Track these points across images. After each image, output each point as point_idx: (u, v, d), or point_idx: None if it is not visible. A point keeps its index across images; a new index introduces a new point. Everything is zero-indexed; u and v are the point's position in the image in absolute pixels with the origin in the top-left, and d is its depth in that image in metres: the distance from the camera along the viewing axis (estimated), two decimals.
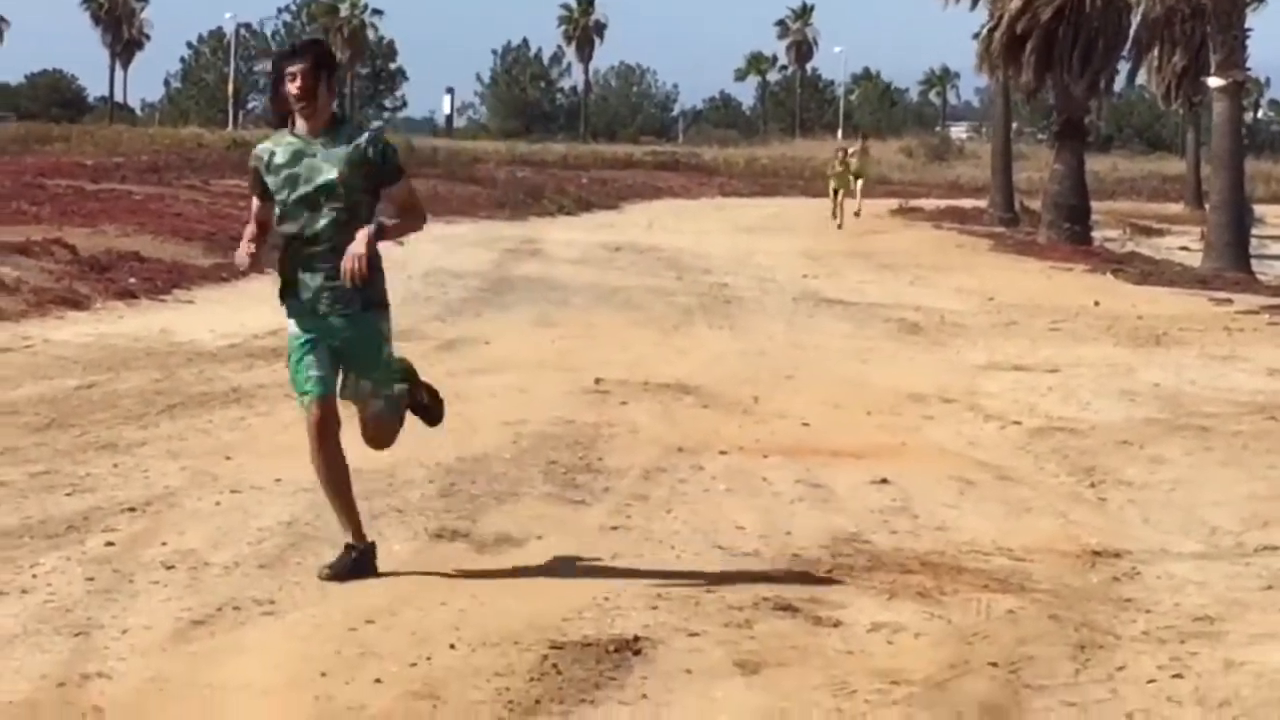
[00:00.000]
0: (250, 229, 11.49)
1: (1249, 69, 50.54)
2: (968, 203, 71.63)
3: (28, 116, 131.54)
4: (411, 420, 16.44)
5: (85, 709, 8.56)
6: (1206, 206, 49.60)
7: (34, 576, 10.96)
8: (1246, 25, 46.48)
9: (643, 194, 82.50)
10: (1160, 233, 68.13)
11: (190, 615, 10.23)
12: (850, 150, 60.32)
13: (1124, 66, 60.16)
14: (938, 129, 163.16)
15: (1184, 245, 54.30)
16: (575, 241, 48.27)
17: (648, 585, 11.18)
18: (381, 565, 11.50)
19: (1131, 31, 55.20)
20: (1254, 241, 49.12)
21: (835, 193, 57.35)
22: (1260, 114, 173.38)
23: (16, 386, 18.87)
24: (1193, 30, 54.55)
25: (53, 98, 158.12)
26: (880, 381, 21.35)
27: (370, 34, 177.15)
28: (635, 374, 20.85)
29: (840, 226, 50.52)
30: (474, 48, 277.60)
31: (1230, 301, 34.57)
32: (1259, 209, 59.10)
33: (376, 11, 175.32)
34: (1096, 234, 57.88)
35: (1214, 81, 45.94)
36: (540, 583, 11.23)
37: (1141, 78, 69.50)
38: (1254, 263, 45.62)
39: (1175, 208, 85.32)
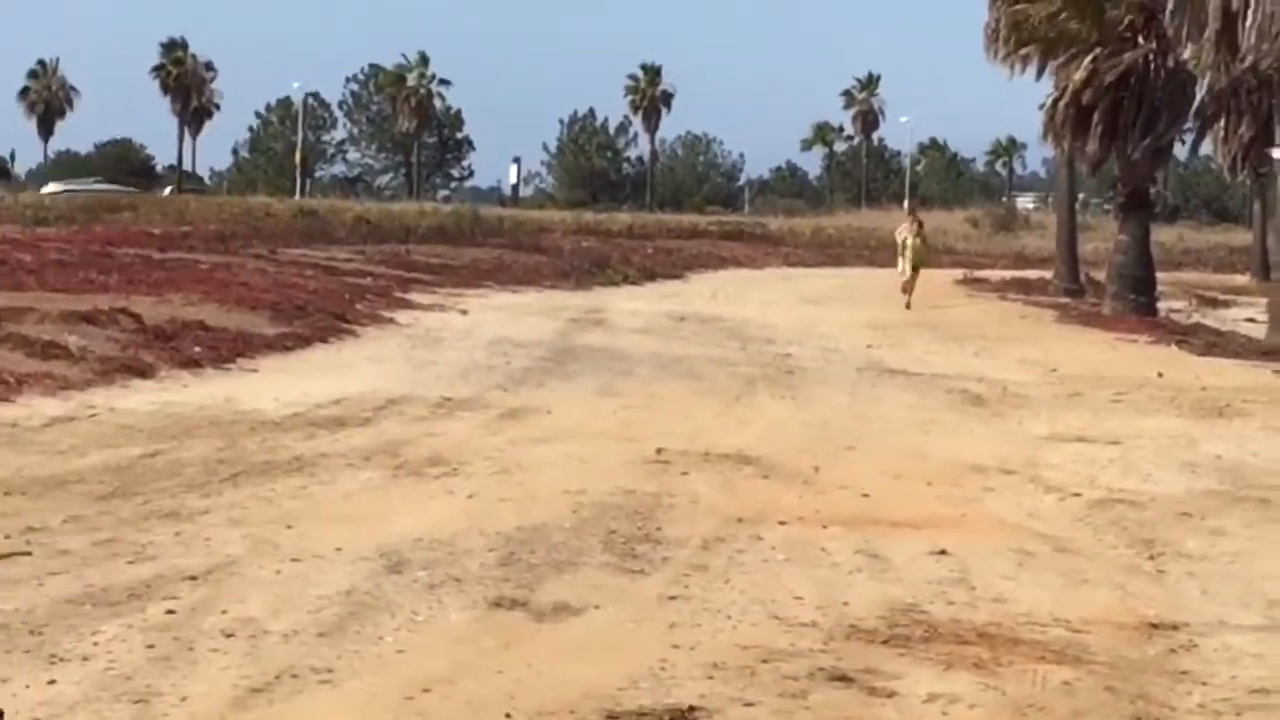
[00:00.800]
0: None
1: None
2: (1033, 273, 71.59)
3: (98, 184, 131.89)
4: (473, 489, 16.50)
5: None
6: (1273, 278, 49.40)
7: (95, 644, 11.03)
8: None
9: (708, 264, 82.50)
10: (1226, 304, 67.97)
11: (249, 683, 10.29)
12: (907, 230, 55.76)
13: (1190, 137, 60.11)
14: (1003, 199, 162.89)
15: (1250, 317, 54.06)
16: (639, 311, 48.30)
17: (704, 655, 11.23)
18: (439, 634, 11.58)
19: (1196, 102, 55.11)
20: None
21: (911, 269, 53.59)
22: None
23: (82, 455, 18.95)
24: (1259, 101, 54.35)
25: (122, 166, 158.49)
26: (941, 452, 21.36)
27: (438, 103, 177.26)
28: (696, 444, 20.89)
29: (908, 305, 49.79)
30: (541, 117, 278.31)
31: None
32: None
33: (444, 81, 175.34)
34: (1162, 305, 57.73)
35: (1278, 153, 45.93)
36: (597, 652, 11.27)
37: (1207, 148, 69.29)
38: None
39: (1241, 279, 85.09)
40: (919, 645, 11.73)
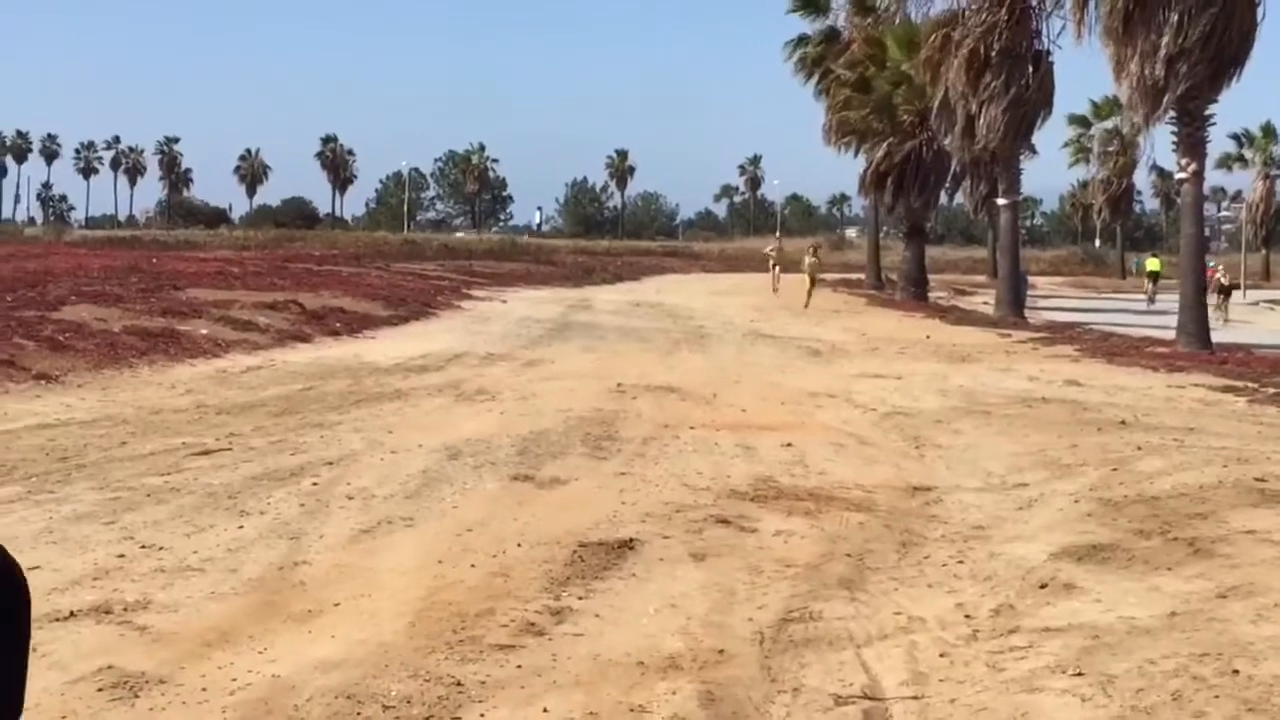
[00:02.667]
0: None
1: (1023, 194, 51.06)
2: (854, 276, 71.48)
3: (280, 225, 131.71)
4: (504, 409, 16.40)
5: (294, 583, 8.66)
6: (998, 276, 49.56)
7: (268, 504, 11.06)
8: (1021, 166, 46.68)
9: (655, 271, 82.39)
10: (971, 293, 68.00)
11: (361, 527, 10.33)
12: (811, 251, 52.74)
13: (949, 191, 60.19)
14: (837, 230, 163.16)
15: (985, 301, 54.05)
16: (611, 300, 48.23)
17: (641, 508, 11.26)
18: (479, 496, 11.62)
19: (952, 170, 55.28)
20: (1027, 299, 49.04)
21: (810, 280, 48.56)
22: (1036, 220, 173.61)
23: (265, 389, 18.95)
24: (989, 169, 54.44)
25: (297, 213, 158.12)
26: (792, 384, 21.34)
27: (491, 174, 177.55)
28: (642, 380, 20.86)
29: (806, 307, 45.11)
30: (555, 182, 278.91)
31: (1010, 335, 34.54)
32: (1031, 278, 59.19)
33: (494, 160, 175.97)
34: (931, 295, 57.84)
35: (1001, 201, 46.17)
36: (575, 506, 11.29)
37: (959, 198, 69.41)
38: (1027, 312, 45.60)
39: (981, 278, 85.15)
40: (772, 501, 11.75)
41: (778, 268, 55.16)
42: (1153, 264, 72.64)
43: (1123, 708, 6.39)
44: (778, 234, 78.75)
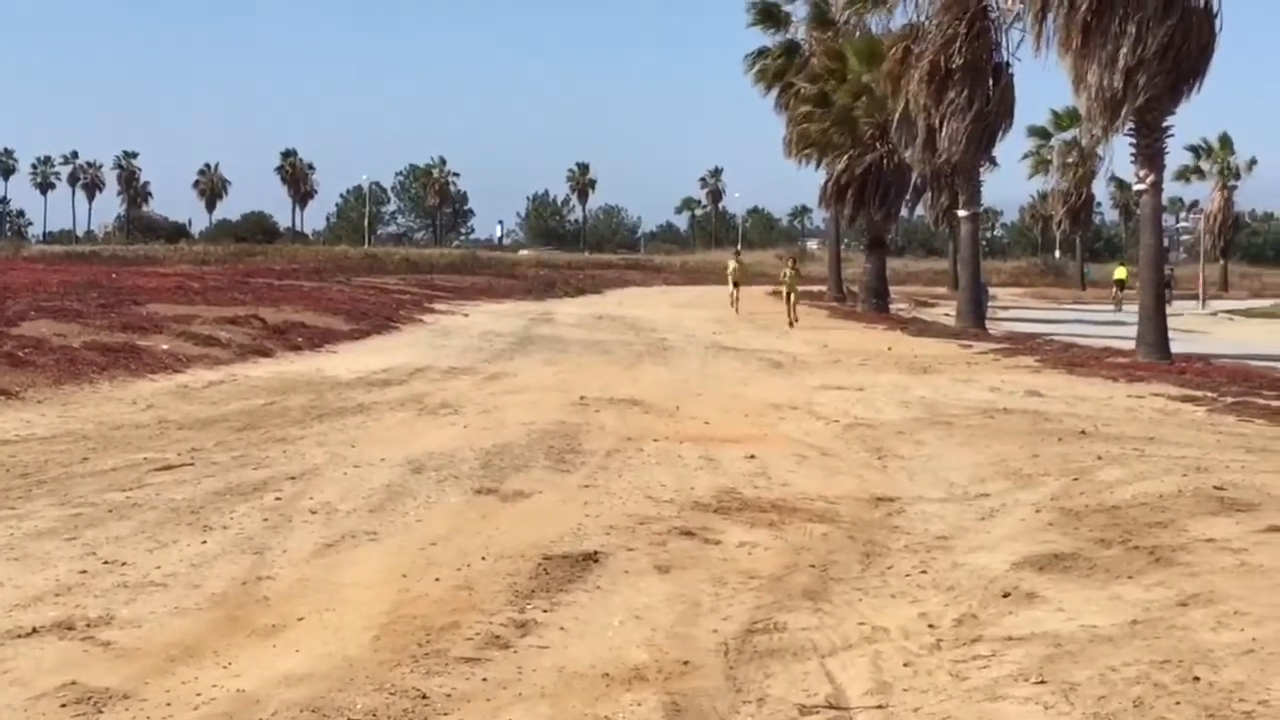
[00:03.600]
0: None
1: (984, 205, 51.39)
2: (816, 288, 71.60)
3: (240, 240, 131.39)
4: (466, 422, 16.42)
5: (258, 597, 8.64)
6: (959, 288, 49.76)
7: (231, 518, 11.03)
8: (982, 178, 46.86)
9: (617, 284, 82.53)
10: (932, 305, 68.40)
11: (324, 541, 10.31)
12: (790, 264, 47.97)
13: (909, 204, 60.36)
14: (799, 243, 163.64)
15: (946, 312, 54.38)
16: (573, 313, 48.31)
17: (604, 520, 11.27)
18: (443, 510, 11.60)
19: (913, 183, 55.46)
20: (988, 310, 49.29)
21: (788, 295, 45.01)
22: (996, 231, 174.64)
23: (227, 404, 18.90)
24: (950, 182, 54.70)
25: (257, 228, 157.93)
26: (754, 396, 21.39)
27: (452, 187, 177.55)
28: (605, 393, 20.88)
29: (791, 325, 42.79)
30: (516, 195, 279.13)
31: (971, 347, 34.69)
32: (992, 289, 59.29)
33: (455, 174, 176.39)
34: (892, 306, 58.10)
35: (962, 213, 46.36)
36: (539, 520, 11.28)
37: (920, 210, 69.59)
38: (988, 323, 45.87)
39: (942, 289, 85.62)
40: (735, 512, 11.76)
41: (738, 286, 52.50)
42: (1120, 272, 73.43)
43: (1085, 715, 6.43)
44: (737, 247, 77.50)
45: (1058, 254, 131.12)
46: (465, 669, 7.26)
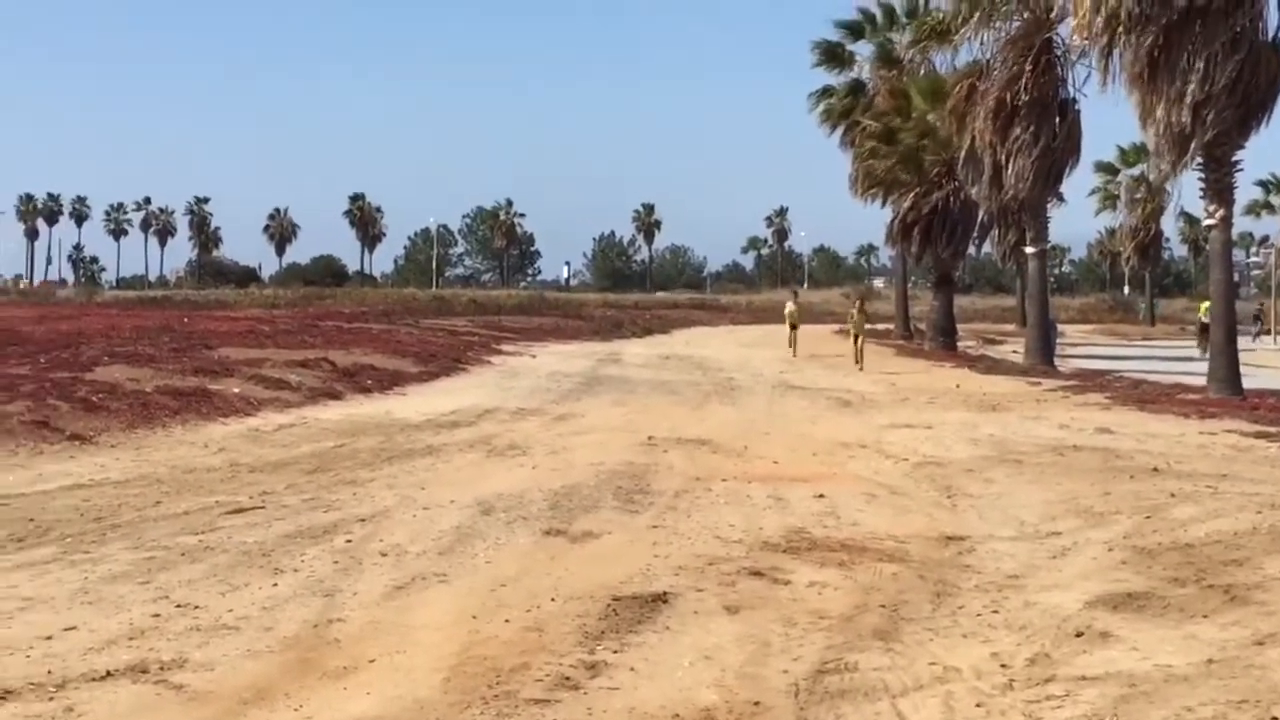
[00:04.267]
0: None
1: (1051, 242, 51.13)
2: (882, 326, 71.40)
3: (310, 283, 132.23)
4: (535, 463, 16.45)
5: (329, 639, 8.66)
6: (1027, 325, 49.48)
7: (302, 561, 11.07)
8: (1049, 214, 46.54)
9: (683, 324, 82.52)
10: (1000, 342, 67.97)
11: (395, 583, 10.33)
12: (857, 304, 45.58)
13: (977, 241, 60.15)
14: (865, 281, 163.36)
15: (1014, 350, 53.98)
16: (640, 354, 48.34)
17: (674, 561, 11.24)
18: (512, 551, 11.61)
19: (980, 220, 55.22)
20: (1057, 347, 48.97)
21: (855, 337, 43.33)
22: (1064, 268, 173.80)
23: (298, 447, 19.00)
24: (1017, 219, 54.50)
25: (327, 271, 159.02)
26: (823, 435, 21.32)
27: (518, 229, 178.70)
28: (673, 433, 20.87)
29: (860, 368, 40.32)
30: (582, 236, 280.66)
31: (1040, 384, 34.43)
32: (1061, 326, 58.97)
33: (521, 214, 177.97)
34: (961, 344, 57.82)
35: (1029, 249, 46.11)
36: (608, 560, 11.26)
37: (987, 247, 69.39)
38: (1056, 360, 45.58)
39: (1010, 326, 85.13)
40: (805, 552, 11.72)
41: (795, 328, 49.45)
42: (1203, 310, 72.83)
43: None
44: (795, 287, 75.32)
45: (1126, 290, 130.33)
46: (535, 710, 7.25)
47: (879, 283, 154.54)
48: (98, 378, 23.86)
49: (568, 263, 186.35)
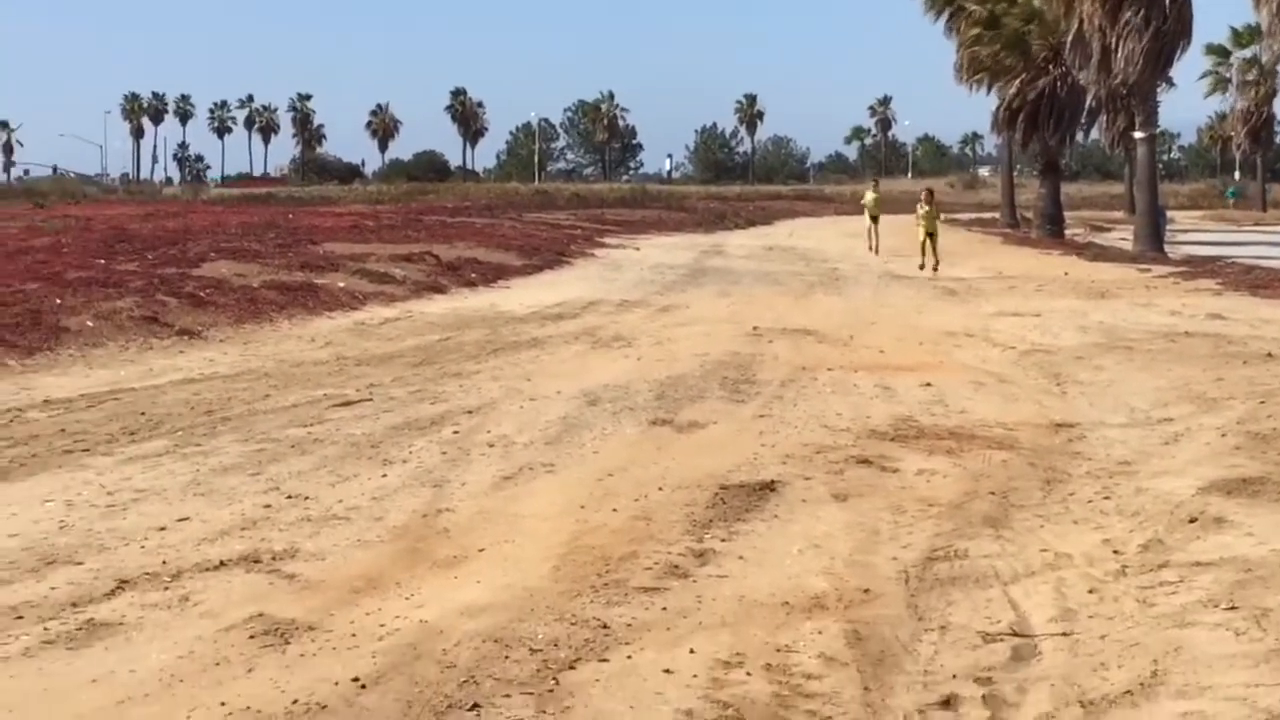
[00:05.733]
0: None
1: (1161, 127, 50.29)
2: (989, 215, 70.84)
3: (413, 179, 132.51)
4: (640, 355, 16.44)
5: (438, 529, 8.71)
6: (1136, 212, 48.85)
7: (410, 452, 11.14)
8: (1159, 99, 45.69)
9: (786, 215, 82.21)
10: (1107, 229, 67.28)
11: (503, 473, 10.37)
12: (924, 197, 35.02)
13: (1084, 126, 59.33)
14: (970, 170, 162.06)
15: (1123, 237, 53.42)
16: (744, 245, 48.23)
17: (780, 450, 11.22)
18: (619, 441, 11.63)
19: (1087, 105, 54.42)
20: (1166, 233, 48.37)
21: (927, 236, 34.33)
22: (1173, 154, 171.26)
23: (403, 340, 19.11)
24: (1126, 103, 53.72)
25: (429, 166, 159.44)
26: (929, 324, 21.20)
27: (620, 122, 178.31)
28: (778, 323, 20.81)
29: (934, 269, 33.54)
30: (684, 128, 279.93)
31: (1150, 271, 34.05)
32: (1170, 213, 58.18)
33: (624, 109, 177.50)
34: (1068, 232, 57.27)
35: (1138, 135, 45.35)
36: (714, 450, 11.25)
37: (1095, 133, 68.40)
38: (1166, 247, 45.04)
39: (1118, 214, 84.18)
40: (913, 440, 11.66)
41: (876, 220, 43.45)
42: None
43: (1279, 641, 6.27)
44: (875, 178, 67.94)
45: (1237, 175, 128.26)
46: (645, 599, 7.26)
47: (985, 171, 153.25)
48: (205, 274, 24.07)
49: (670, 155, 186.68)
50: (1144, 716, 5.61)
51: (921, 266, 33.07)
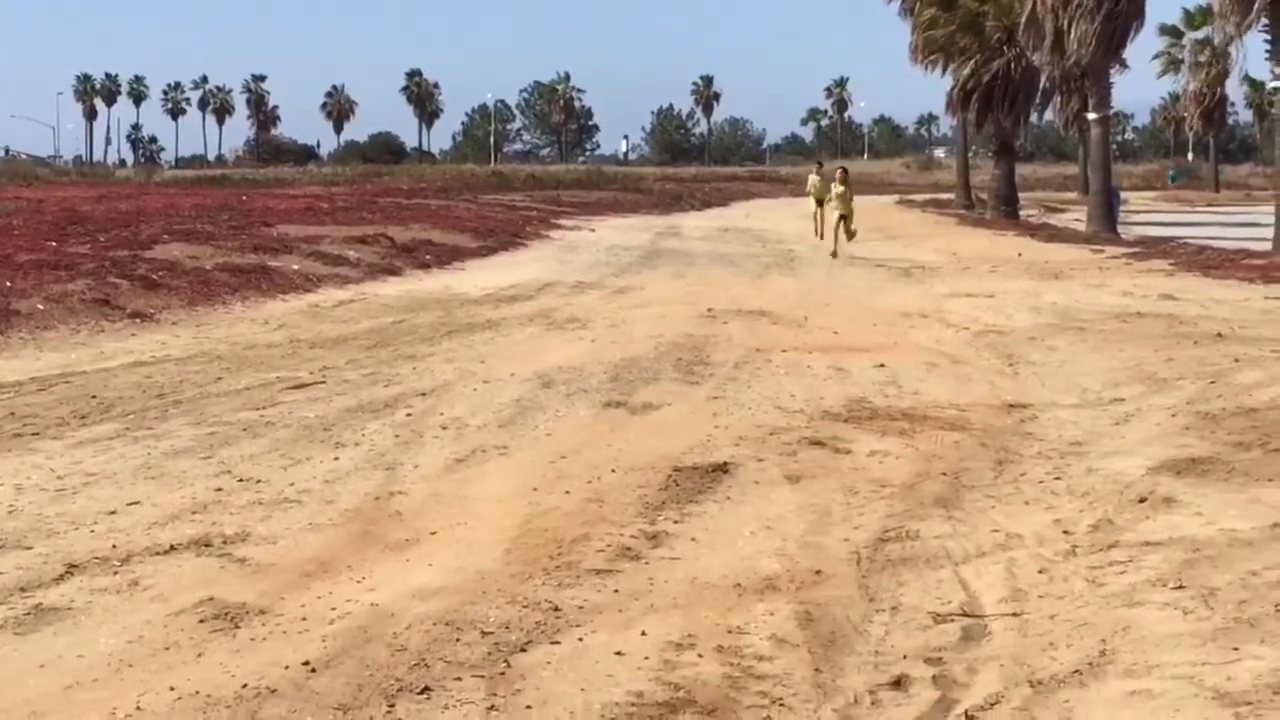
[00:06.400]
0: None
1: (1114, 108, 50.54)
2: (943, 196, 71.03)
3: (368, 160, 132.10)
4: (594, 336, 16.41)
5: (391, 512, 8.69)
6: (1089, 194, 49.04)
7: (363, 435, 11.11)
8: (1112, 80, 45.83)
9: (742, 197, 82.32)
10: (1062, 210, 67.63)
11: (455, 456, 10.36)
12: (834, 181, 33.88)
13: (1038, 108, 59.48)
14: (926, 151, 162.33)
15: (1077, 218, 53.62)
16: (700, 226, 48.26)
17: (734, 432, 11.23)
18: (572, 424, 11.62)
19: (1041, 86, 54.58)
20: (1120, 214, 48.63)
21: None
22: (1127, 135, 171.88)
23: (356, 323, 19.07)
24: (1080, 85, 53.92)
25: (385, 148, 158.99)
26: (883, 305, 21.24)
27: (577, 104, 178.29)
28: (733, 305, 20.83)
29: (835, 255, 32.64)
30: (640, 110, 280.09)
31: (1103, 251, 34.21)
32: (1124, 194, 58.44)
33: (580, 90, 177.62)
34: (1022, 213, 57.47)
35: (1092, 116, 45.57)
36: (668, 432, 11.25)
37: (1049, 115, 68.62)
38: (1120, 228, 45.30)
39: (1072, 195, 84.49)
40: (866, 421, 11.69)
41: (822, 204, 37.93)
42: None
43: (1225, 619, 6.31)
44: (818, 159, 64.33)
45: (1190, 156, 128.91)
46: (597, 581, 7.26)
47: (940, 152, 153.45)
48: (157, 256, 23.94)
49: (626, 137, 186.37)
50: (1092, 696, 5.63)
51: (834, 255, 32.27)
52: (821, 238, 36.45)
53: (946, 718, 5.57)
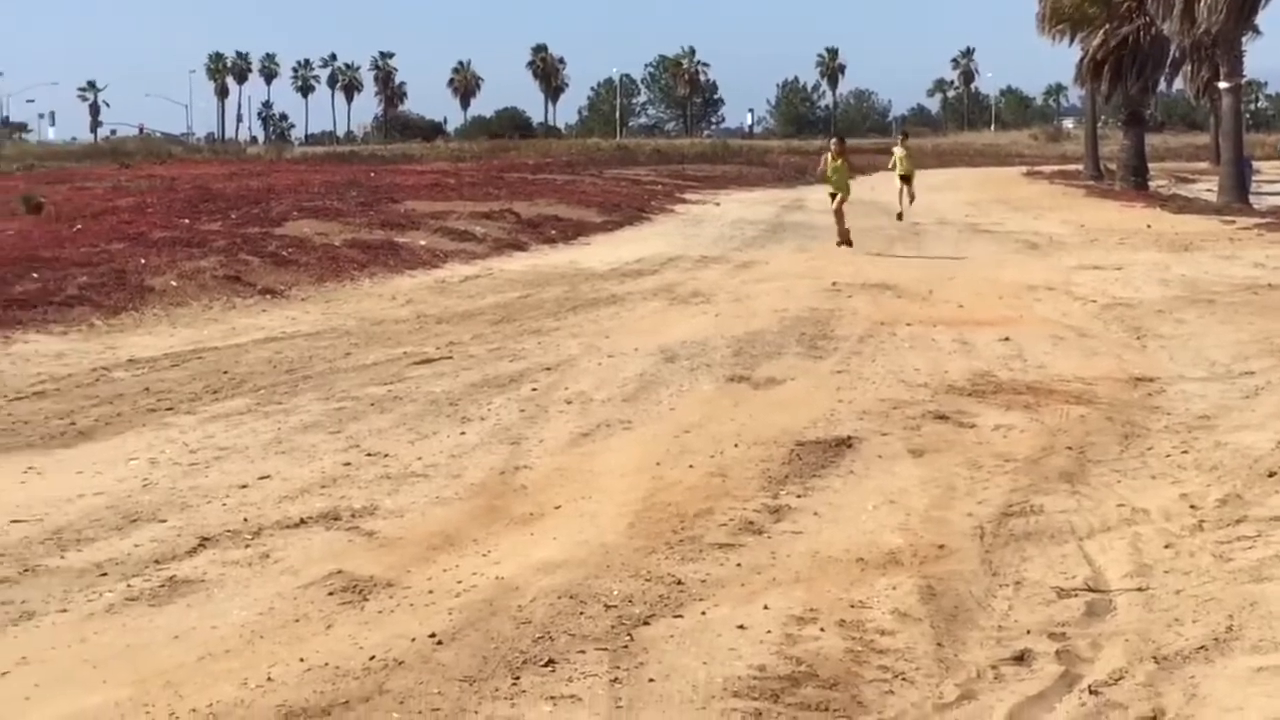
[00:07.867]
0: None
1: (1247, 77, 49.59)
2: (1071, 167, 70.14)
3: (495, 136, 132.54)
4: (718, 311, 16.39)
5: (516, 486, 8.76)
6: (1221, 163, 48.23)
7: (488, 410, 11.21)
8: (1244, 48, 45.00)
9: (868, 170, 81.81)
10: (1192, 181, 66.45)
11: (580, 430, 10.42)
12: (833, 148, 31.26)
13: (1168, 77, 58.62)
14: (1054, 122, 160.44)
15: (1208, 188, 52.73)
16: (824, 200, 47.87)
17: (858, 406, 11.21)
18: (696, 398, 11.65)
19: (1171, 55, 53.76)
20: (1252, 184, 47.77)
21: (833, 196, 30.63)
22: (1260, 104, 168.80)
23: (483, 298, 19.20)
24: (1210, 53, 53.00)
25: (511, 123, 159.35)
26: (1009, 278, 21.07)
27: (702, 77, 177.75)
28: (857, 278, 20.75)
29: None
30: (766, 83, 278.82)
31: (1234, 222, 33.66)
32: (1256, 164, 57.38)
33: (704, 64, 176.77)
34: (1152, 184, 56.63)
35: (1223, 85, 44.74)
36: (791, 406, 11.26)
37: (1180, 84, 67.51)
38: (1252, 198, 44.49)
39: (1203, 165, 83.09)
40: (990, 395, 11.63)
41: (906, 180, 36.76)
42: None
43: None
44: (903, 130, 58.49)
45: None
46: (719, 555, 7.28)
47: (1068, 123, 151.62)
48: (287, 233, 24.24)
49: (751, 110, 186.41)
50: (1218, 672, 5.58)
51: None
52: (901, 219, 35.13)
53: (1070, 693, 5.54)
